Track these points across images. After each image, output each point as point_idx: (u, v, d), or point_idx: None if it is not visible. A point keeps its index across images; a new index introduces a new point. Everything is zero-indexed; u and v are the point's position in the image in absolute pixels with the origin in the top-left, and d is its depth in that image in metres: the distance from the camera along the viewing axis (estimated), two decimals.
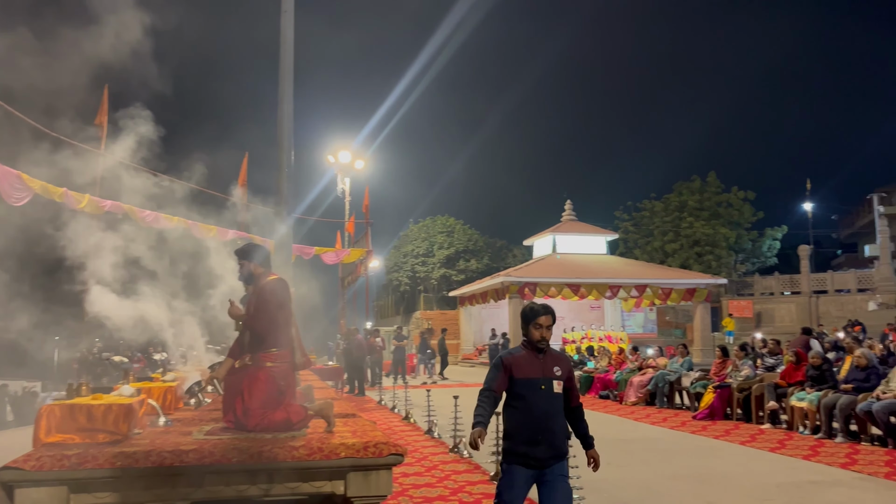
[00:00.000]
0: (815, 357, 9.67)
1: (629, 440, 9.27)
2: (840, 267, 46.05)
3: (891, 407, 8.03)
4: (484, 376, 4.04)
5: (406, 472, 6.82)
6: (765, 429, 9.81)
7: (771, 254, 39.86)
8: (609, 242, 33.67)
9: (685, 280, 28.76)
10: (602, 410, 12.75)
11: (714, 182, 39.21)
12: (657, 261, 36.93)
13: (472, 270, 42.74)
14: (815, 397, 9.12)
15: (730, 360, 11.92)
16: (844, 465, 7.22)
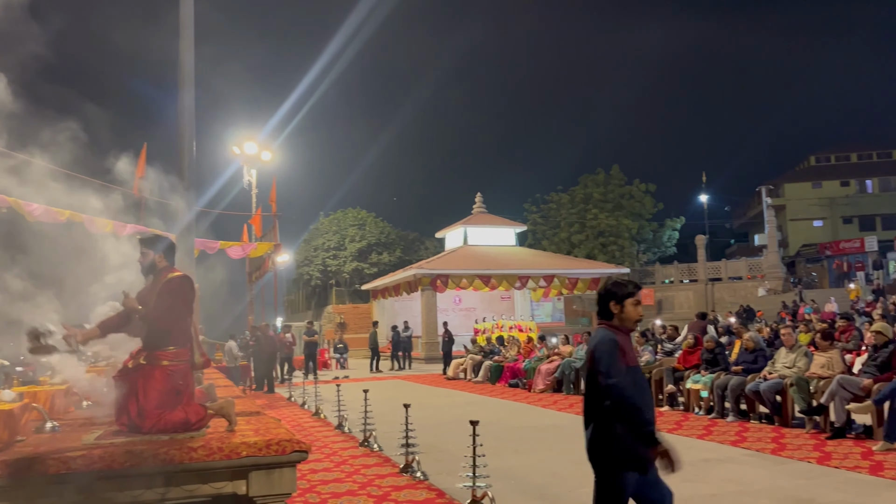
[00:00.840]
0: (709, 341, 10.20)
1: (537, 427, 9.50)
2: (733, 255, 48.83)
3: (776, 387, 8.57)
4: (398, 370, 3.95)
5: (315, 469, 6.74)
6: (664, 411, 10.27)
7: (670, 244, 41.74)
8: (518, 234, 34.31)
9: (591, 270, 29.69)
10: (512, 398, 13.02)
11: (617, 175, 40.65)
12: (564, 251, 37.96)
13: (385, 263, 42.62)
14: (709, 379, 9.62)
15: None
16: (735, 442, 7.65)
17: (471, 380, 17.10)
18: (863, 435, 7.56)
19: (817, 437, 7.67)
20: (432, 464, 6.71)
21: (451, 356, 19.86)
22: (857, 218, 50.21)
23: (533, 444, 8.15)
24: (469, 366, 17.67)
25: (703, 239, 37.95)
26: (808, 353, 8.78)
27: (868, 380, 7.57)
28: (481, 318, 27.07)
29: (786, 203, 51.77)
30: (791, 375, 8.43)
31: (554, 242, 39.98)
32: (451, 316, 28.77)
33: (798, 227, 51.46)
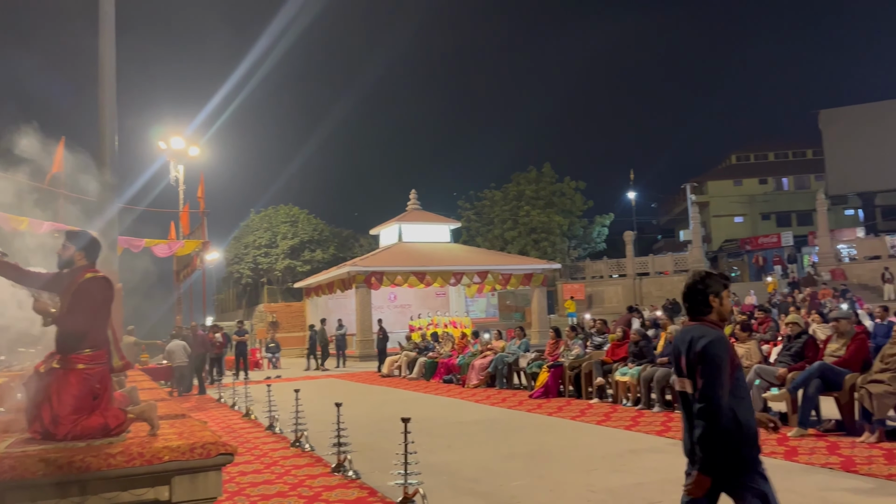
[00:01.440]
0: (635, 334, 10.49)
1: (470, 422, 9.57)
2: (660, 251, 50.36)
3: None
4: (333, 368, 3.88)
5: (244, 471, 6.60)
6: (593, 403, 10.51)
7: (600, 239, 42.72)
8: (452, 231, 34.46)
9: (523, 266, 30.09)
10: (446, 394, 13.07)
11: (549, 173, 41.33)
12: (498, 248, 38.35)
13: (318, 261, 42.09)
14: (636, 371, 9.90)
15: (562, 340, 12.64)
16: (660, 432, 7.90)
17: (405, 377, 17.09)
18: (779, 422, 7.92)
19: None
20: (365, 462, 6.67)
21: (386, 353, 19.79)
22: (775, 214, 52.55)
23: (466, 439, 8.21)
24: (404, 363, 17.65)
25: (631, 235, 38.99)
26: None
27: (783, 369, 7.95)
28: (416, 315, 27.09)
29: (709, 200, 53.72)
30: None
31: (488, 239, 40.34)
32: (386, 313, 28.66)
33: (721, 223, 53.48)
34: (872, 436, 6.68)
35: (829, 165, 42.19)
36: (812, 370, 7.39)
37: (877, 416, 6.69)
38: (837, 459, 6.07)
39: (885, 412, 6.69)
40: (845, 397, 7.22)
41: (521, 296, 35.93)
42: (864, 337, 7.80)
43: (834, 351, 7.75)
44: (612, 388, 10.55)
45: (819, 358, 7.79)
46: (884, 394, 6.71)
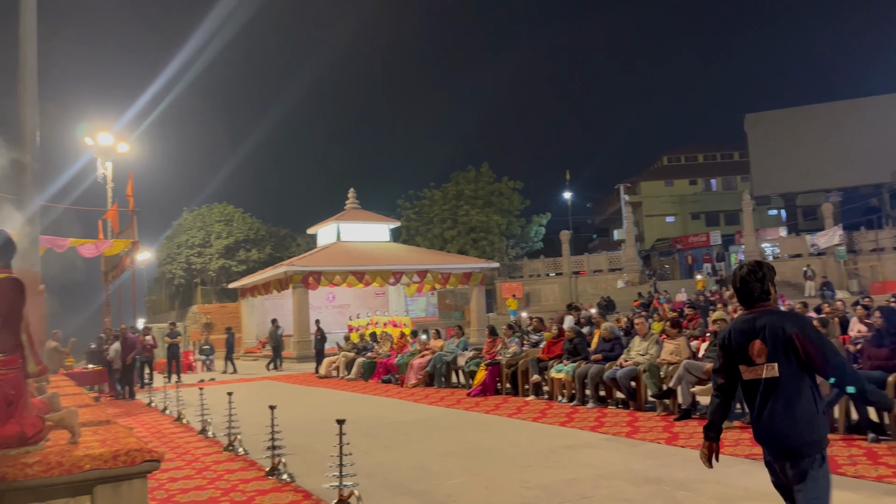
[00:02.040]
0: (570, 332, 10.68)
1: (407, 422, 9.55)
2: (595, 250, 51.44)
3: (631, 373, 9.11)
4: (264, 367, 3.80)
5: (174, 477, 6.42)
6: (529, 400, 10.65)
7: (537, 239, 43.34)
8: (392, 230, 34.38)
9: (462, 265, 30.25)
10: (384, 394, 13.02)
11: (487, 172, 41.70)
12: (437, 247, 38.46)
13: (254, 261, 41.32)
14: (571, 368, 10.08)
15: (499, 338, 12.76)
16: (594, 427, 8.06)
17: (343, 377, 16.95)
18: (706, 415, 8.19)
19: (667, 419, 8.23)
20: (300, 465, 6.58)
21: (324, 354, 19.58)
22: (704, 214, 54.36)
23: (403, 438, 8.19)
24: (342, 363, 17.50)
25: (567, 234, 39.69)
26: (659, 341, 9.40)
27: (710, 364, 8.21)
28: (355, 315, 26.92)
29: (642, 200, 55.15)
30: (644, 362, 9.00)
31: (427, 238, 40.40)
32: (324, 313, 28.37)
33: (653, 223, 54.98)
34: None
35: (753, 167, 43.90)
36: None
37: None
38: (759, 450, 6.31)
39: None
40: None
41: (461, 295, 36.14)
42: None
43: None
44: (548, 385, 10.71)
45: None
46: None
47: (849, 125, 39.85)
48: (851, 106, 41.18)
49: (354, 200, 32.64)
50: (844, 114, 40.66)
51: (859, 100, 41.64)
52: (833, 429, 6.87)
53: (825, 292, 25.87)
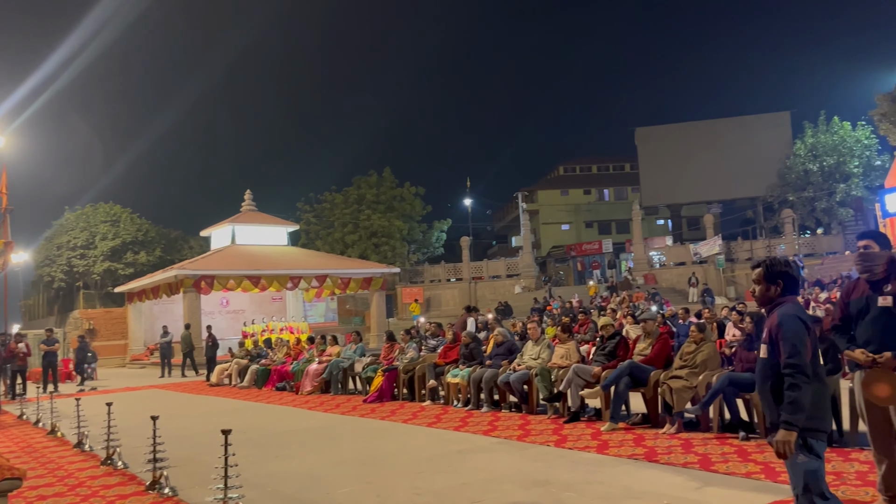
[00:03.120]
0: (466, 336, 10.80)
1: (301, 430, 9.36)
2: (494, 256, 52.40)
3: (524, 377, 9.30)
4: (157, 378, 3.58)
5: (44, 494, 6.00)
6: (425, 405, 10.67)
7: (438, 244, 43.67)
8: (290, 233, 33.66)
9: (363, 269, 30.03)
10: (278, 402, 12.70)
11: (389, 177, 41.64)
12: (338, 251, 38.01)
13: (143, 264, 39.39)
14: (467, 373, 10.18)
15: (397, 344, 12.74)
16: (487, 431, 8.17)
17: (236, 385, 16.41)
18: (594, 417, 8.49)
19: (557, 421, 8.46)
20: (184, 478, 6.30)
21: (216, 361, 18.90)
22: (597, 223, 56.58)
23: (295, 448, 8.01)
24: (234, 371, 16.94)
25: (467, 240, 40.26)
26: (550, 346, 9.65)
27: (598, 367, 8.52)
28: (250, 321, 26.17)
29: (539, 208, 56.74)
30: (536, 366, 9.22)
31: (328, 242, 39.86)
32: (217, 319, 27.41)
33: (549, 230, 56.66)
34: (672, 427, 7.33)
35: (642, 179, 46.10)
36: (622, 368, 7.98)
37: (676, 409, 7.36)
38: (642, 451, 6.60)
39: (683, 405, 7.37)
40: (650, 392, 7.88)
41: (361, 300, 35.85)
42: (667, 337, 8.57)
43: (642, 350, 8.43)
44: (444, 390, 10.78)
45: (629, 357, 8.45)
46: (682, 388, 7.39)
47: (729, 142, 42.60)
48: (731, 124, 44.05)
49: (251, 202, 31.75)
50: (725, 131, 43.43)
51: (738, 118, 44.61)
52: (707, 427, 7.27)
53: (706, 298, 27.46)
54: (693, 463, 5.96)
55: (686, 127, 45.54)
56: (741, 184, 42.04)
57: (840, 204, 36.49)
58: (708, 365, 7.63)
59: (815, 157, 37.47)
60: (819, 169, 37.18)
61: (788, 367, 3.22)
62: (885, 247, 4.44)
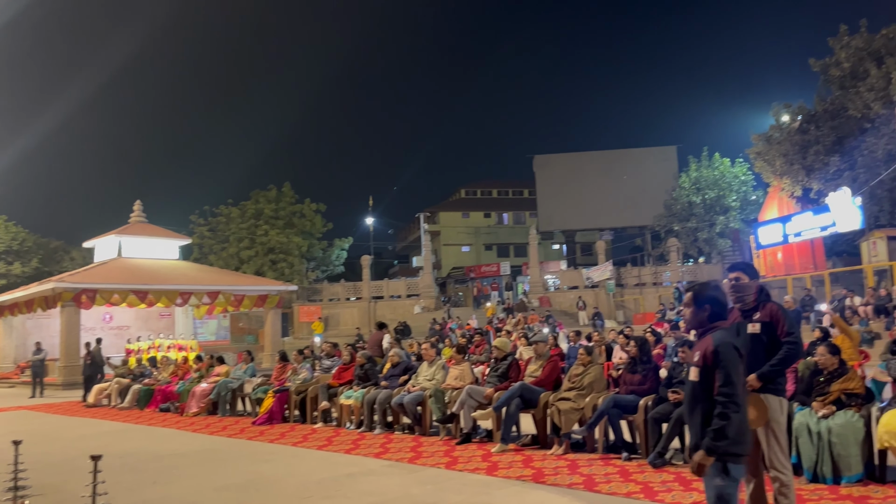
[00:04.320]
0: (361, 357, 10.68)
1: (183, 454, 8.91)
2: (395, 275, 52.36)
3: (418, 398, 9.29)
4: (28, 398, 3.27)
5: None
6: (317, 428, 10.44)
7: (339, 262, 43.16)
8: (182, 247, 32.30)
9: (258, 287, 29.17)
10: (160, 424, 12.06)
11: (289, 193, 40.87)
12: (233, 267, 36.83)
13: (17, 275, 36.69)
14: (361, 394, 10.05)
15: (290, 364, 12.42)
16: (379, 454, 8.07)
17: (116, 406, 15.47)
18: (486, 438, 8.57)
19: (449, 443, 8.47)
20: None
21: (94, 381, 17.75)
22: (496, 245, 57.72)
23: (175, 472, 7.61)
24: (115, 391, 15.97)
25: (368, 259, 40.01)
26: (445, 367, 9.69)
27: (490, 388, 8.63)
28: (135, 338, 24.85)
29: (441, 229, 57.25)
30: (430, 387, 9.23)
31: (222, 258, 38.56)
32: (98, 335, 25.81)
33: (450, 252, 57.25)
34: (560, 448, 7.51)
35: (539, 205, 47.52)
36: (514, 390, 8.11)
37: (563, 431, 7.54)
38: (530, 472, 6.71)
39: (571, 426, 7.57)
40: (540, 414, 8.04)
41: (255, 318, 34.80)
42: (557, 359, 8.79)
43: (533, 371, 8.61)
44: (338, 411, 10.59)
45: (521, 378, 8.60)
46: (569, 410, 7.59)
47: (620, 172, 44.72)
48: (623, 155, 46.27)
49: (141, 213, 30.26)
50: (617, 162, 45.57)
51: (630, 150, 46.93)
52: (593, 448, 7.49)
53: (596, 322, 28.47)
54: (578, 484, 6.12)
55: (581, 156, 47.43)
56: (631, 213, 44.13)
57: (720, 235, 38.88)
58: (594, 387, 7.88)
59: (699, 191, 39.85)
60: (701, 201, 39.54)
61: (722, 395, 3.33)
62: (754, 277, 4.75)
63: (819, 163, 27.51)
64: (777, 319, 4.55)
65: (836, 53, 27.76)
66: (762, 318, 4.58)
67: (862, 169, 25.75)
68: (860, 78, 26.70)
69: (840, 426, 5.55)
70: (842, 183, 25.30)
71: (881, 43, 26.39)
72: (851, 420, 5.60)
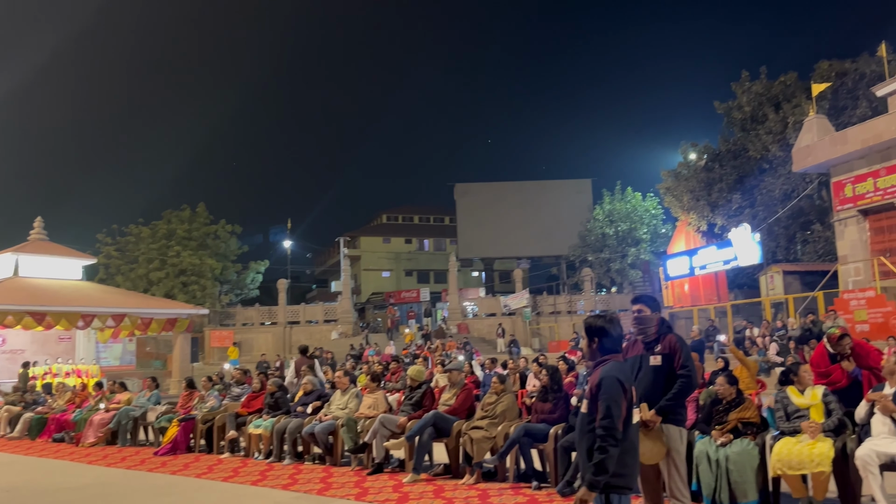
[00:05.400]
0: (272, 385, 10.40)
1: (75, 488, 8.39)
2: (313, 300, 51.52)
3: (329, 428, 9.10)
4: None
5: None
6: (224, 458, 10.06)
7: (254, 286, 42.06)
8: (87, 267, 30.74)
9: (167, 310, 28.05)
10: (53, 456, 11.33)
11: (203, 213, 39.67)
12: (141, 289, 35.30)
13: None
14: (270, 423, 9.77)
15: (197, 391, 11.96)
16: (286, 485, 7.84)
17: (5, 435, 14.45)
18: (398, 468, 8.47)
19: (360, 473, 8.32)
20: None
21: None
22: (417, 272, 57.77)
23: None
24: (4, 419, 14.93)
25: (284, 283, 39.20)
26: (359, 395, 9.56)
27: (403, 417, 8.55)
28: (32, 363, 23.37)
29: (361, 254, 56.87)
30: (343, 416, 9.06)
31: (130, 279, 36.91)
32: None
33: (370, 277, 56.87)
34: (472, 478, 7.50)
35: (460, 232, 48.01)
36: (427, 419, 8.07)
37: (476, 460, 7.54)
38: (441, 502, 6.66)
39: (483, 455, 7.58)
40: (452, 443, 8.02)
41: (164, 342, 33.40)
42: (471, 387, 8.82)
43: (446, 400, 8.60)
44: (246, 441, 10.24)
45: (435, 407, 8.57)
46: (482, 439, 7.61)
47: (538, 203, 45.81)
48: (541, 187, 47.48)
49: (41, 231, 28.65)
50: (535, 193, 46.70)
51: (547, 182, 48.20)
52: (504, 477, 7.52)
53: (512, 349, 28.80)
54: None
55: (501, 186, 48.32)
56: (548, 242, 45.16)
57: (631, 266, 40.25)
58: (507, 416, 7.94)
59: (612, 223, 41.21)
60: (614, 233, 40.89)
61: (601, 428, 3.40)
62: (656, 310, 4.93)
63: (722, 199, 29.05)
64: (675, 351, 4.72)
65: (739, 97, 29.55)
66: (662, 350, 4.75)
67: (761, 207, 27.34)
68: (759, 121, 28.48)
69: (737, 454, 5.78)
70: (743, 219, 26.72)
71: (779, 89, 28.28)
72: (747, 448, 5.84)
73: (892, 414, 5.44)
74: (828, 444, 5.54)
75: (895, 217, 18.97)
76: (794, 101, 27.22)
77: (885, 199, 19.08)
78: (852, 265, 20.23)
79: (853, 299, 18.58)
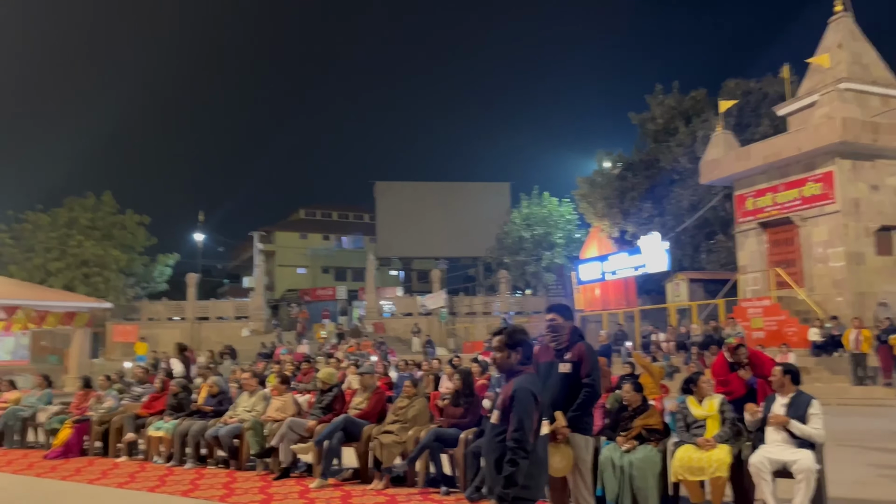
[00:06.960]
0: (175, 386, 9.97)
1: None
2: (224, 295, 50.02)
3: (235, 431, 8.79)
4: None
5: None
6: (120, 462, 9.57)
7: (162, 279, 40.42)
8: None
9: (65, 303, 26.52)
10: None
11: (109, 202, 37.81)
12: (38, 280, 33.27)
13: None
14: (172, 425, 9.35)
15: (94, 391, 11.34)
16: (187, 491, 7.51)
17: None
18: (306, 473, 8.27)
19: (266, 478, 8.08)
20: None
21: None
22: (334, 269, 56.99)
23: None
24: None
25: (194, 277, 37.90)
26: (267, 397, 9.27)
27: (313, 421, 8.35)
28: None
29: (276, 249, 55.63)
30: (249, 419, 8.77)
31: (25, 269, 34.72)
32: None
33: (285, 273, 55.70)
34: (381, 483, 7.40)
35: (379, 230, 47.81)
36: (336, 423, 7.91)
37: (385, 465, 7.45)
38: None
39: (392, 460, 7.50)
40: (362, 447, 7.90)
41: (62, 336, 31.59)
42: (382, 391, 8.71)
43: (358, 404, 8.46)
44: (146, 443, 9.77)
45: (345, 410, 8.42)
46: (391, 443, 7.52)
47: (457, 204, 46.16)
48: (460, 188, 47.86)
49: None
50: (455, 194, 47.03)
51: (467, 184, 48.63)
52: (413, 483, 7.46)
53: (427, 349, 28.83)
54: None
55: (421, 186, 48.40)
56: (466, 244, 45.54)
57: (546, 269, 41.07)
58: (418, 420, 7.88)
59: (528, 226, 41.93)
60: (531, 237, 41.62)
61: (513, 440, 3.38)
62: (568, 318, 4.99)
63: (634, 207, 30.05)
64: (583, 360, 4.79)
65: (652, 110, 30.66)
66: (572, 358, 4.81)
67: (670, 216, 28.45)
68: (671, 133, 29.64)
69: (640, 460, 5.93)
70: (653, 227, 27.73)
71: (689, 104, 29.52)
72: (650, 454, 6.00)
73: (784, 425, 5.71)
74: (725, 451, 5.76)
75: (791, 231, 20.11)
76: (703, 116, 28.47)
77: (782, 214, 20.21)
78: (751, 275, 21.32)
79: (751, 307, 19.59)
